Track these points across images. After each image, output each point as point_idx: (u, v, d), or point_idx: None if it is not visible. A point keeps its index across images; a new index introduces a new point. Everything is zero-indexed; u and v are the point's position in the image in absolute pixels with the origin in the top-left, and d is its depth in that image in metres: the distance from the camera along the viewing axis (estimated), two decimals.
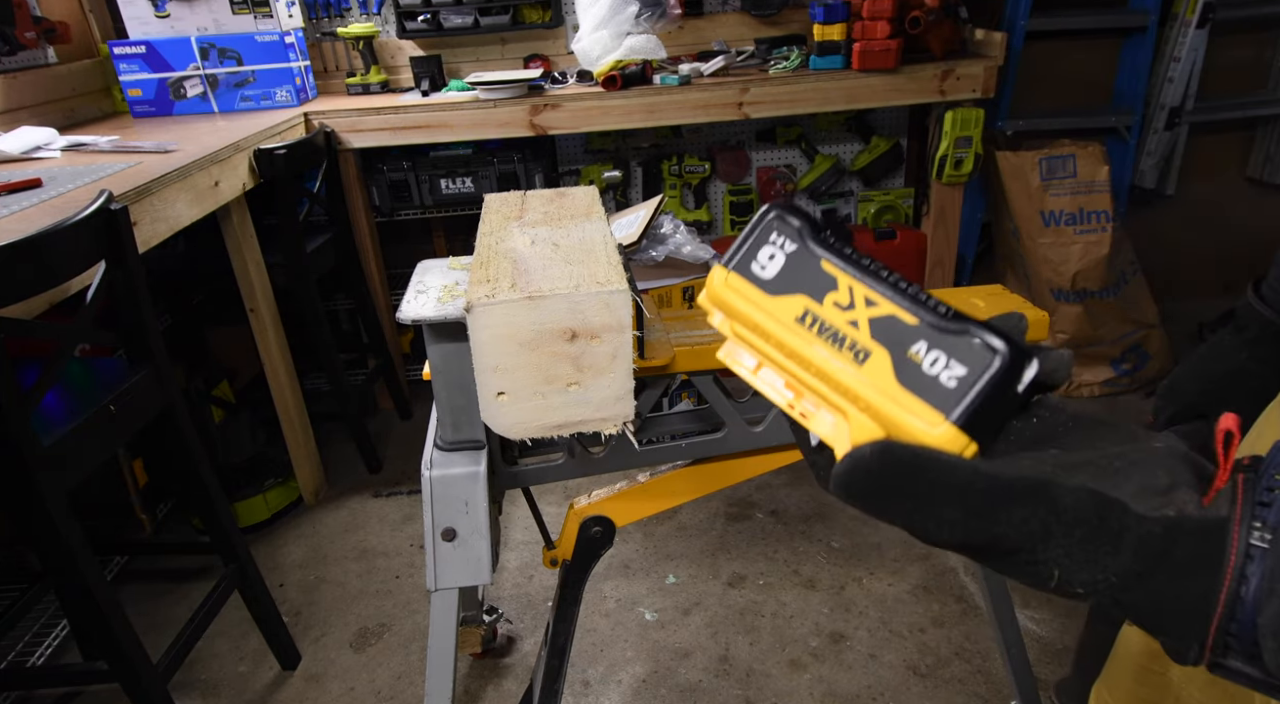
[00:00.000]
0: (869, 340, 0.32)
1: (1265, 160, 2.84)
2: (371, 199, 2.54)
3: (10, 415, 1.12)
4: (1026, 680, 1.31)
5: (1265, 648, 0.29)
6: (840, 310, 0.33)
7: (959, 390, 0.30)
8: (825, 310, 0.33)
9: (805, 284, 0.34)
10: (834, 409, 0.33)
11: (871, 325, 0.32)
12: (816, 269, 0.34)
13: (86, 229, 1.26)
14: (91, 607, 1.26)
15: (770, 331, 0.34)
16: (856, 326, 0.32)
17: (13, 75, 2.17)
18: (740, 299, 0.35)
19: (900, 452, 0.30)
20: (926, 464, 0.30)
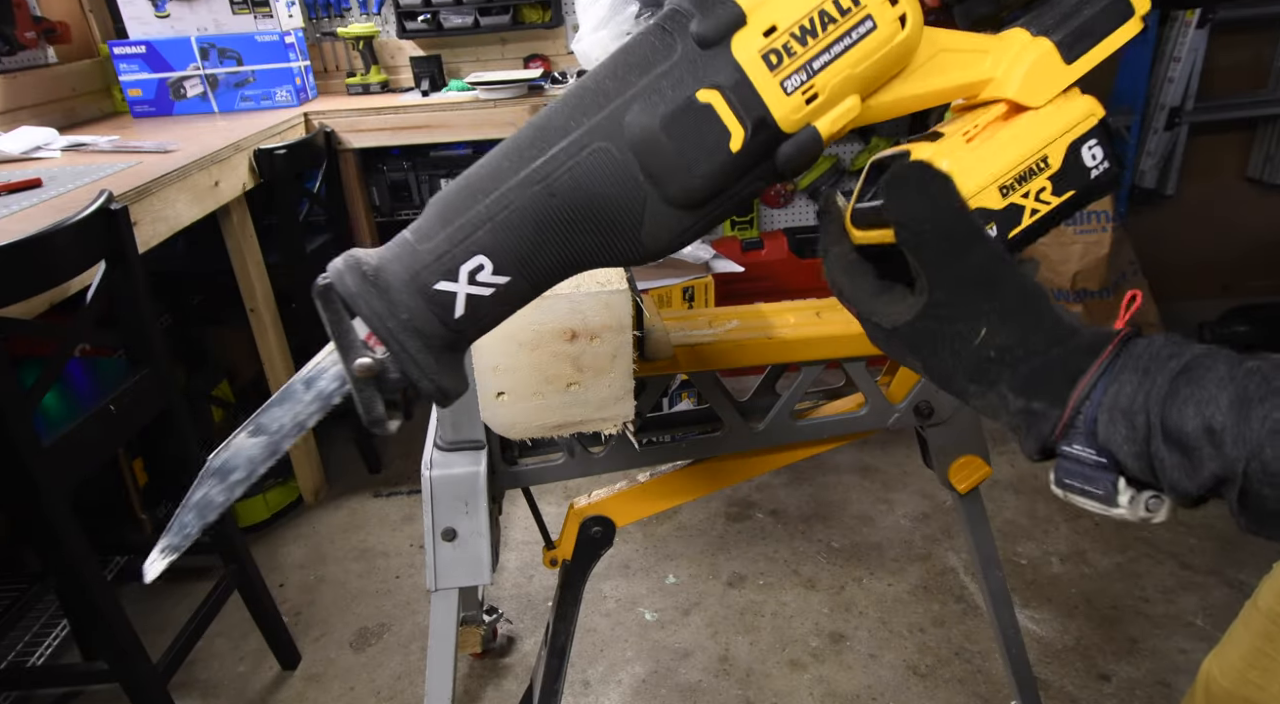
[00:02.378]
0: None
1: (1265, 160, 2.84)
2: (371, 199, 2.54)
3: (10, 415, 1.12)
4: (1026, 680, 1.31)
5: (1101, 421, 0.38)
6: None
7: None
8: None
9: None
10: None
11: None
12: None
13: (86, 229, 1.26)
14: (91, 607, 1.26)
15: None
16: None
17: (13, 75, 2.17)
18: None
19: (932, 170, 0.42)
20: (954, 189, 0.42)
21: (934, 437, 1.10)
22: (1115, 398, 0.37)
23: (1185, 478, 0.36)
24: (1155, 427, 0.36)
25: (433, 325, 0.39)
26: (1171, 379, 0.36)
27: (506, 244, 0.39)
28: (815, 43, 0.38)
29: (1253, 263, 2.96)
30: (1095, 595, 1.80)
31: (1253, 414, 0.34)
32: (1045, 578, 1.86)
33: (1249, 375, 0.35)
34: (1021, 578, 1.86)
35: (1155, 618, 1.73)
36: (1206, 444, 0.35)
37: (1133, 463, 0.37)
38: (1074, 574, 1.87)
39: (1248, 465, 0.34)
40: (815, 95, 0.39)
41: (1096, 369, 0.39)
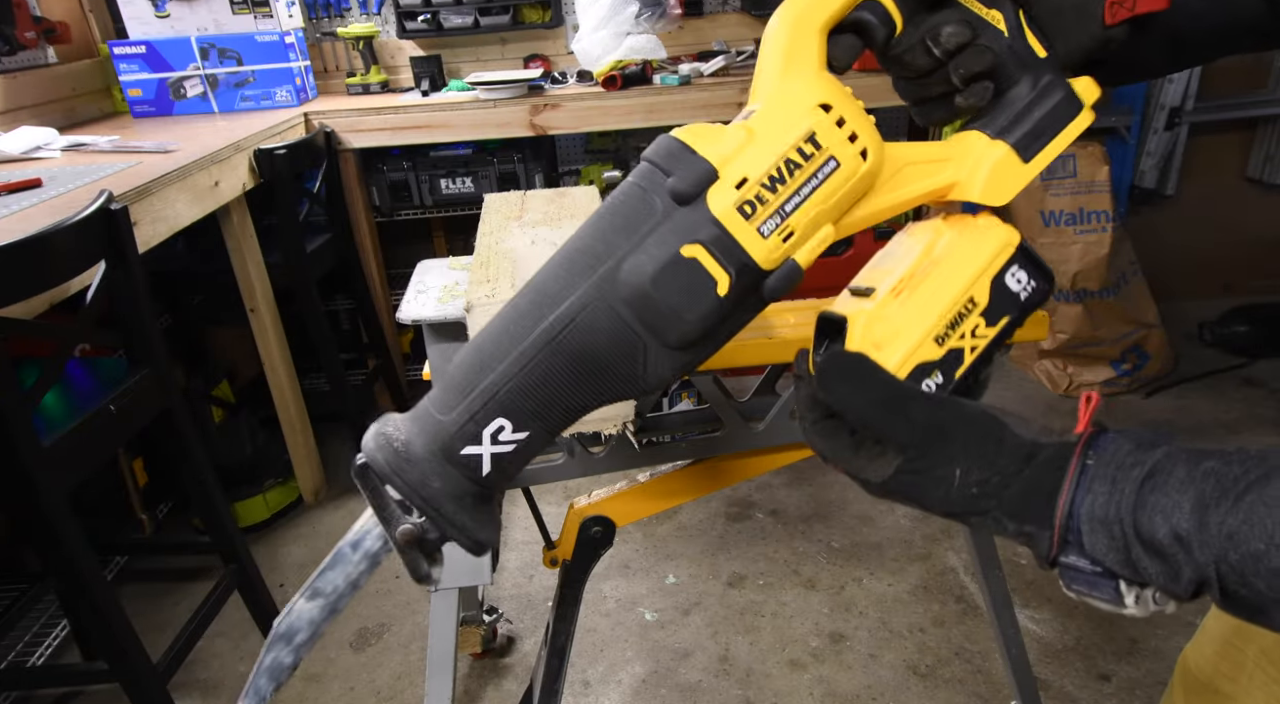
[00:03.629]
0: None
1: (1265, 160, 2.84)
2: (371, 199, 2.54)
3: (10, 415, 1.12)
4: (1026, 680, 1.31)
5: (1084, 532, 0.39)
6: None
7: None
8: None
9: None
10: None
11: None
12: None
13: (86, 229, 1.26)
14: (91, 607, 1.26)
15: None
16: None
17: (13, 75, 2.17)
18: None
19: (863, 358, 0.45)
20: (874, 367, 0.45)
21: None
22: (1091, 509, 0.39)
23: (1170, 582, 0.37)
24: (1131, 536, 0.38)
25: (463, 486, 0.43)
26: (1138, 488, 0.38)
27: (522, 405, 0.43)
28: (784, 189, 0.42)
29: (1253, 263, 2.96)
30: None
31: (1210, 520, 0.36)
32: (1045, 578, 1.86)
33: (1205, 477, 0.37)
34: (1021, 578, 1.86)
35: (1155, 618, 1.73)
36: (1179, 550, 0.36)
37: (1121, 570, 0.39)
38: None
39: (1218, 570, 0.36)
40: (791, 233, 0.42)
41: (1070, 485, 0.40)
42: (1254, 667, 0.72)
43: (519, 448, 0.43)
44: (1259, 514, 0.35)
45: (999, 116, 0.48)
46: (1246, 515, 0.35)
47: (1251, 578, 0.35)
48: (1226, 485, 0.36)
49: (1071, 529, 0.40)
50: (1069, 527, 0.40)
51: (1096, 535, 0.39)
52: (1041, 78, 0.47)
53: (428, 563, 0.44)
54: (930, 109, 0.51)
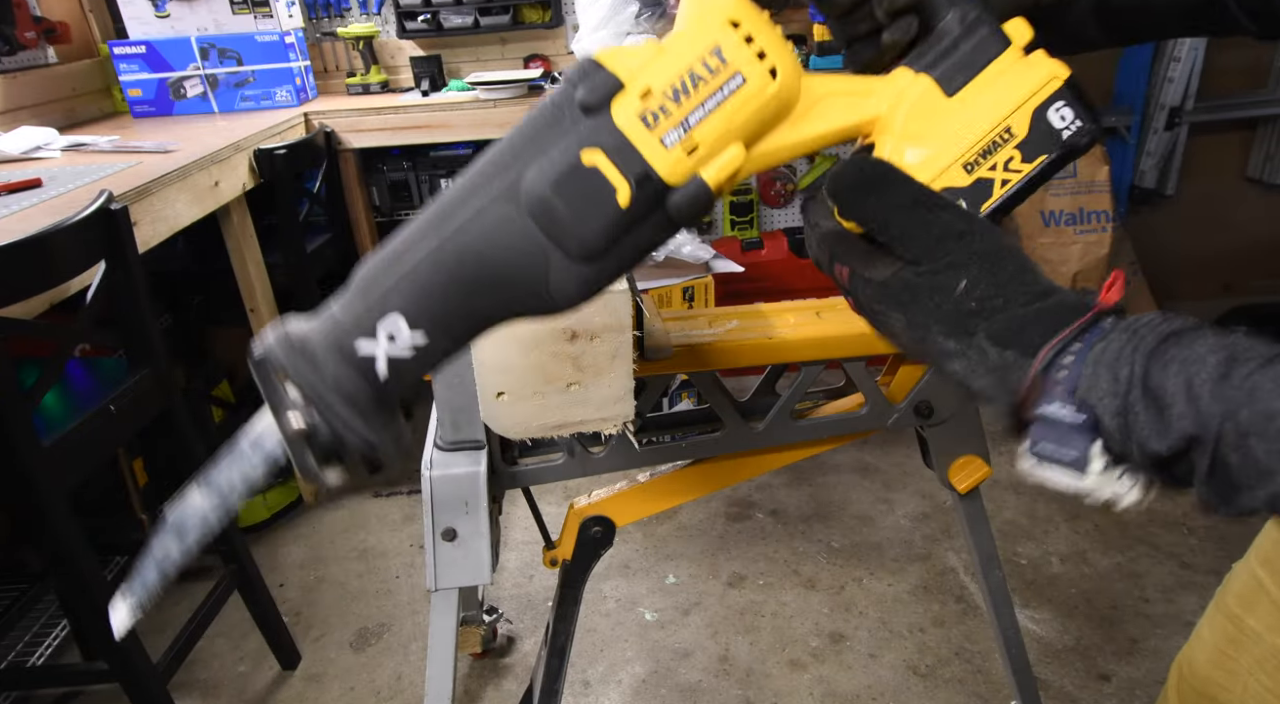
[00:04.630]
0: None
1: (1265, 160, 2.84)
2: (371, 199, 2.54)
3: (10, 415, 1.12)
4: (1026, 680, 1.31)
5: (1085, 374, 0.37)
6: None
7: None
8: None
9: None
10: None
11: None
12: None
13: (86, 229, 1.26)
14: (91, 607, 1.26)
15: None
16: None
17: (13, 75, 2.17)
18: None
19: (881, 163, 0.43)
20: (896, 171, 0.43)
21: (934, 437, 1.10)
22: (1101, 353, 0.37)
23: (1156, 435, 0.35)
24: (1137, 378, 0.35)
25: (358, 385, 0.42)
26: (1160, 339, 0.36)
27: (420, 304, 0.42)
28: (688, 101, 0.41)
29: (1253, 263, 2.96)
30: (1095, 595, 1.80)
31: (1235, 372, 0.33)
32: (1045, 578, 1.86)
33: (1238, 341, 0.35)
34: (1021, 578, 1.86)
35: (1155, 618, 1.73)
36: (1183, 401, 0.34)
37: (1110, 419, 0.36)
38: (1074, 574, 1.87)
39: (1221, 425, 0.33)
40: (695, 147, 0.42)
41: (1076, 327, 0.38)
42: (1248, 675, 0.71)
43: (418, 354, 0.43)
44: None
45: (925, 53, 0.46)
46: (1277, 373, 0.33)
47: (1253, 440, 0.32)
48: (1262, 349, 0.34)
49: (1068, 371, 0.38)
50: (1064, 365, 0.38)
51: (1099, 376, 0.36)
52: (969, 13, 0.46)
53: (319, 463, 0.43)
54: (860, 50, 0.51)
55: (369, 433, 0.42)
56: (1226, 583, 0.78)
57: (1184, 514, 2.00)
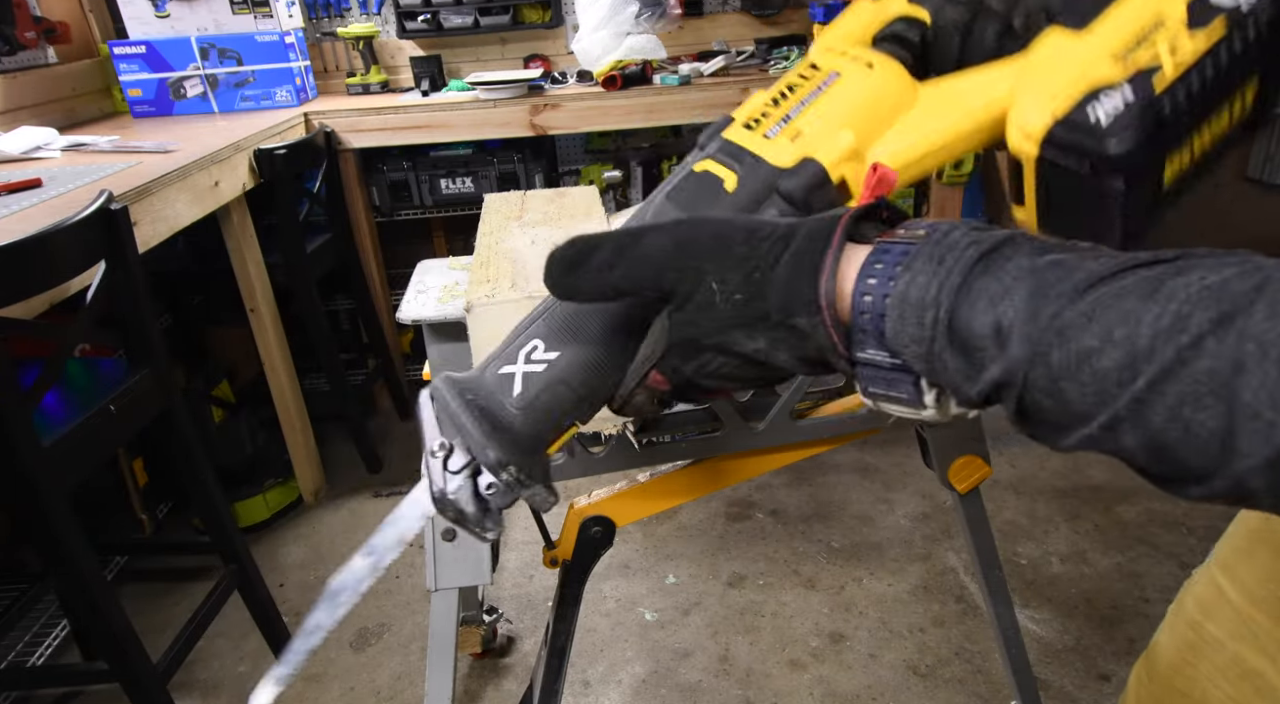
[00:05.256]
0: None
1: (1265, 160, 2.84)
2: (371, 199, 2.54)
3: (10, 415, 1.12)
4: (1026, 680, 1.31)
5: (891, 318, 0.33)
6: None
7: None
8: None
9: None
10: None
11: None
12: None
13: (86, 229, 1.26)
14: (91, 607, 1.26)
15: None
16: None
17: (13, 75, 2.17)
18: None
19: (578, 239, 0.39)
20: (585, 235, 0.39)
21: (934, 437, 1.10)
22: (906, 291, 0.33)
23: (965, 382, 0.32)
24: (943, 322, 0.32)
25: (493, 402, 0.43)
26: (967, 270, 0.32)
27: (556, 326, 0.43)
28: (786, 103, 0.44)
29: None
30: (1095, 595, 1.80)
31: (1043, 311, 0.30)
32: (1045, 578, 1.86)
33: (1052, 267, 0.31)
34: (1021, 578, 1.86)
35: (1155, 618, 1.73)
36: (992, 344, 0.31)
37: (919, 365, 0.34)
38: (1074, 574, 1.87)
39: (1030, 369, 0.30)
40: (799, 134, 0.42)
41: (831, 258, 0.35)
42: (1208, 683, 0.71)
43: (550, 369, 0.43)
44: (1103, 306, 0.29)
45: (1052, 12, 0.41)
46: (1089, 307, 0.29)
47: (1064, 382, 0.29)
48: (1075, 277, 0.30)
49: (870, 313, 0.34)
50: (865, 308, 0.34)
51: (905, 322, 0.33)
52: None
53: (447, 481, 0.43)
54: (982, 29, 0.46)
55: (495, 450, 0.42)
56: (1186, 588, 0.78)
57: (1184, 514, 2.01)
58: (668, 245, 0.38)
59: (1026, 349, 0.30)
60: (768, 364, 0.38)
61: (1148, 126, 0.38)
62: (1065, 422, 0.30)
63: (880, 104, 0.43)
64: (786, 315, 0.36)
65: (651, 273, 0.38)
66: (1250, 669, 0.66)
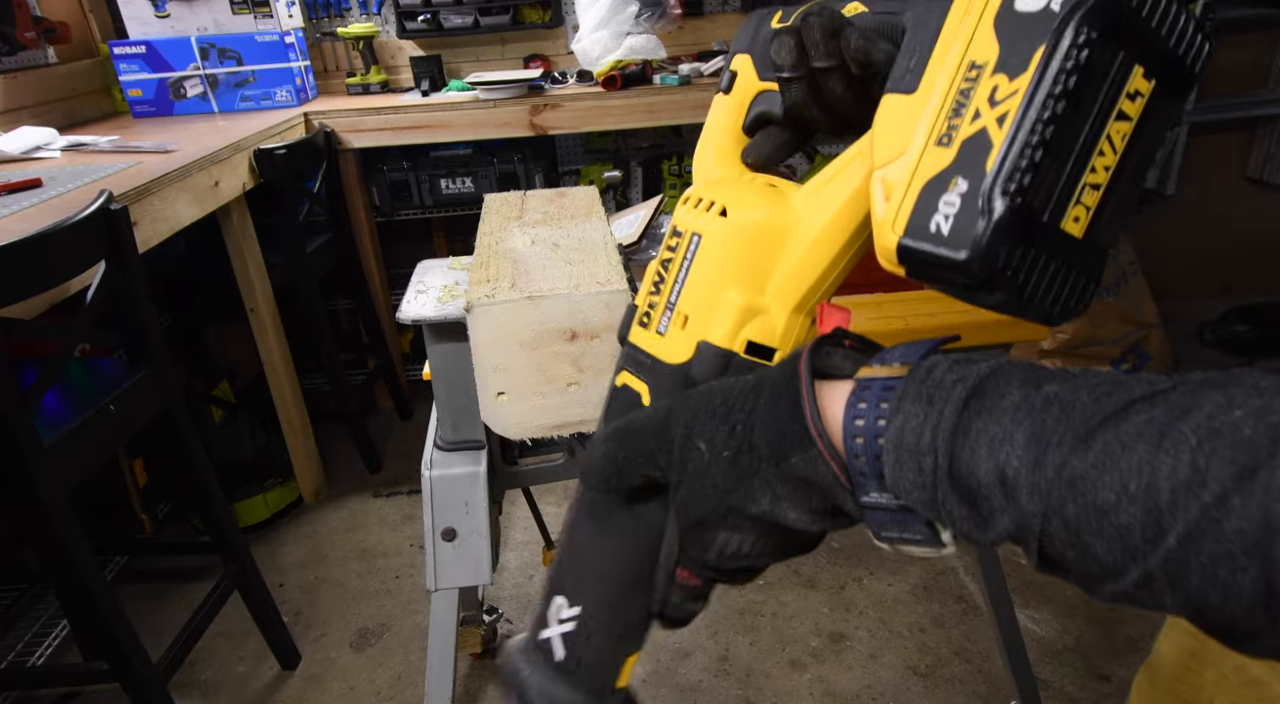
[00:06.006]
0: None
1: (1265, 160, 2.84)
2: (371, 199, 2.54)
3: (10, 415, 1.12)
4: (1026, 680, 1.31)
5: (889, 463, 0.31)
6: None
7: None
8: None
9: None
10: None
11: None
12: None
13: (86, 229, 1.26)
14: (91, 607, 1.26)
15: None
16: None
17: (13, 75, 2.17)
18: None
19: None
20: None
21: None
22: (901, 434, 0.31)
23: (976, 530, 0.31)
24: (943, 469, 0.30)
25: (542, 672, 0.41)
26: (960, 409, 0.30)
27: (566, 577, 0.42)
28: (665, 285, 0.42)
29: (1253, 263, 2.96)
30: None
31: (1048, 460, 0.28)
32: (1045, 578, 1.85)
33: (1047, 405, 0.29)
34: (1021, 578, 1.86)
35: (1155, 618, 1.72)
36: (998, 494, 0.29)
37: (925, 511, 0.32)
38: None
39: (1045, 523, 0.29)
40: (686, 318, 0.41)
41: (807, 390, 0.34)
42: (1213, 689, 0.71)
43: (582, 623, 0.41)
44: (1113, 457, 0.27)
45: (895, 74, 0.35)
46: (1097, 458, 0.28)
47: (1089, 538, 0.28)
48: (1074, 418, 0.29)
49: (864, 456, 0.33)
50: (859, 451, 0.33)
51: (903, 467, 0.31)
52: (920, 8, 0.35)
53: None
54: (853, 125, 0.42)
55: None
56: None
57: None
58: (651, 423, 0.38)
59: (1037, 503, 0.29)
60: (783, 527, 0.37)
61: (997, 213, 0.30)
62: (1095, 574, 0.29)
63: (754, 248, 0.40)
64: (781, 458, 0.34)
65: (645, 448, 0.37)
66: (1252, 678, 0.66)
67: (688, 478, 0.36)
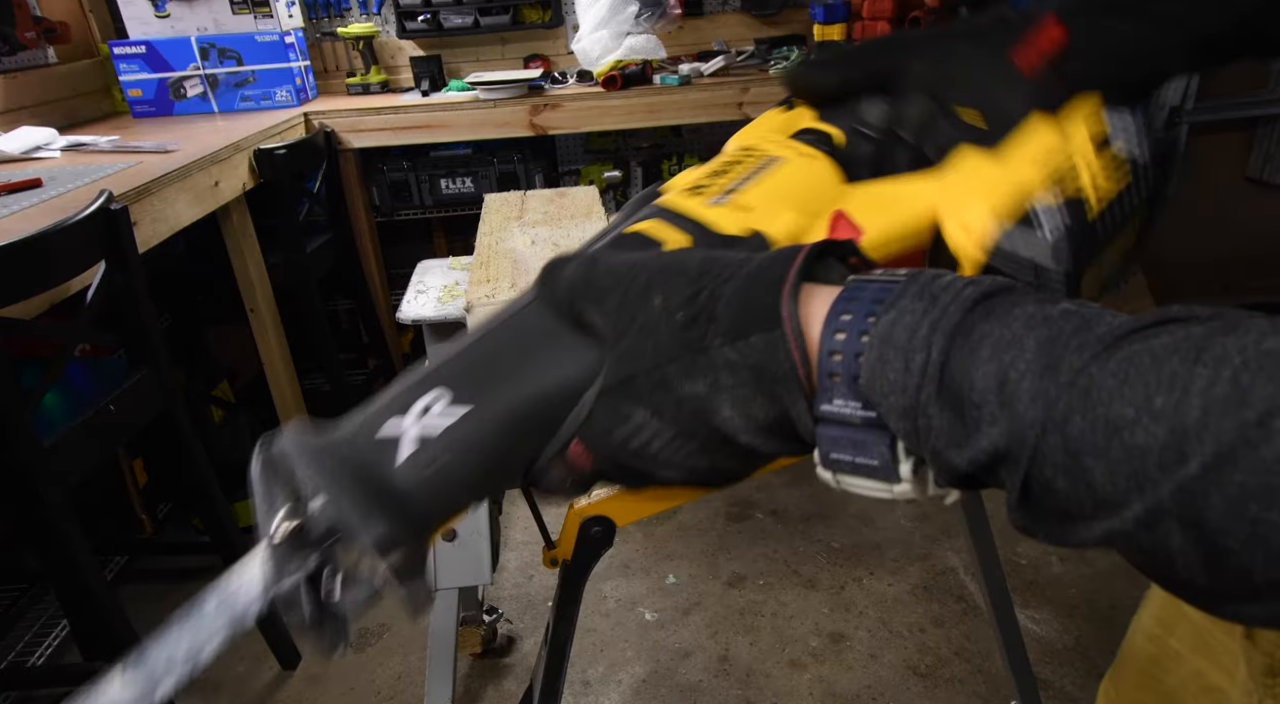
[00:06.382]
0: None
1: (1265, 160, 2.84)
2: (371, 199, 2.54)
3: (10, 415, 1.12)
4: (1026, 680, 1.31)
5: (871, 358, 0.27)
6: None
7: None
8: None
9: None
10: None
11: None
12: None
13: (86, 229, 1.26)
14: (91, 607, 1.26)
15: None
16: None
17: (13, 75, 2.17)
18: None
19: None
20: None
21: None
22: (890, 329, 0.27)
23: (952, 448, 0.26)
24: (934, 367, 0.26)
25: (372, 470, 0.32)
26: (966, 309, 0.27)
27: (465, 371, 0.34)
28: (727, 177, 0.43)
29: (1253, 263, 2.96)
30: (1095, 595, 1.80)
31: (1064, 363, 0.24)
32: (1045, 578, 1.86)
33: (1065, 316, 0.26)
34: (1021, 578, 1.86)
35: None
36: (993, 400, 0.25)
37: (898, 422, 0.27)
38: (1074, 574, 1.87)
39: (1042, 439, 0.24)
40: (745, 207, 0.41)
41: (795, 272, 0.30)
42: (1174, 696, 0.71)
43: (455, 428, 0.33)
44: (1139, 367, 0.23)
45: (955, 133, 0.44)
46: (1119, 366, 0.24)
47: (1090, 460, 0.24)
48: (1096, 329, 0.25)
49: (843, 353, 0.28)
50: (837, 348, 0.29)
51: (887, 363, 0.27)
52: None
53: (290, 574, 0.33)
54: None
55: (388, 526, 0.31)
56: (1145, 603, 0.77)
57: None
58: (624, 263, 0.34)
59: (1039, 410, 0.24)
60: (708, 429, 0.31)
61: (1079, 249, 0.41)
62: (1085, 510, 0.25)
63: (820, 194, 0.43)
64: (738, 334, 0.30)
65: (605, 283, 0.33)
66: (1210, 685, 0.65)
67: (632, 331, 0.31)
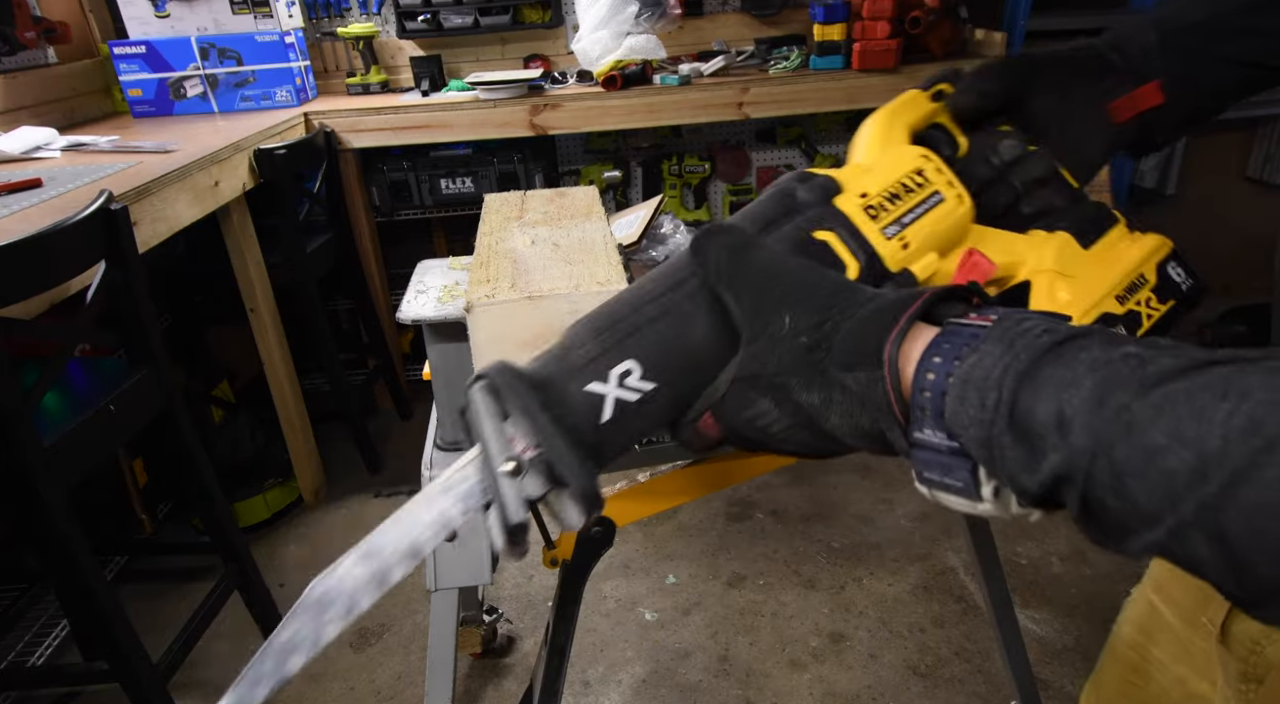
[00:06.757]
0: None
1: (1265, 160, 2.84)
2: (371, 199, 2.54)
3: (10, 415, 1.12)
4: (1026, 680, 1.31)
5: (951, 396, 0.33)
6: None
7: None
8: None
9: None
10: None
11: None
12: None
13: (86, 229, 1.26)
14: (91, 607, 1.26)
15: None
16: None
17: (13, 75, 2.17)
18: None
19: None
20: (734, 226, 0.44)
21: None
22: (970, 371, 0.32)
23: (1025, 472, 0.31)
24: (1005, 405, 0.31)
25: (581, 425, 0.40)
26: (1037, 356, 0.31)
27: (653, 352, 0.41)
28: (900, 205, 0.47)
29: (1253, 263, 2.95)
30: (1095, 595, 1.80)
31: (1110, 401, 0.28)
32: (1045, 578, 1.86)
33: (1125, 360, 0.30)
34: (1021, 578, 1.86)
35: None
36: (1053, 432, 0.30)
37: (977, 450, 0.32)
38: (1074, 574, 1.87)
39: (1093, 464, 0.29)
40: (908, 244, 0.46)
41: (905, 320, 0.35)
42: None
43: (643, 400, 0.41)
44: (1173, 402, 0.27)
45: (1052, 219, 0.53)
46: (1157, 403, 0.27)
47: (1130, 480, 0.27)
48: (1146, 372, 0.29)
49: (931, 391, 0.33)
50: (927, 386, 0.33)
51: (966, 401, 0.32)
52: (1070, 189, 0.55)
53: (523, 505, 0.38)
54: (992, 209, 0.54)
55: (585, 478, 0.38)
56: (1125, 611, 0.77)
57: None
58: (776, 266, 0.40)
59: (1088, 440, 0.28)
60: (818, 428, 0.38)
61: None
62: (1132, 524, 0.28)
63: (959, 233, 0.50)
64: (846, 368, 0.36)
65: (750, 277, 0.40)
66: (1193, 692, 0.65)
67: (763, 337, 0.38)
